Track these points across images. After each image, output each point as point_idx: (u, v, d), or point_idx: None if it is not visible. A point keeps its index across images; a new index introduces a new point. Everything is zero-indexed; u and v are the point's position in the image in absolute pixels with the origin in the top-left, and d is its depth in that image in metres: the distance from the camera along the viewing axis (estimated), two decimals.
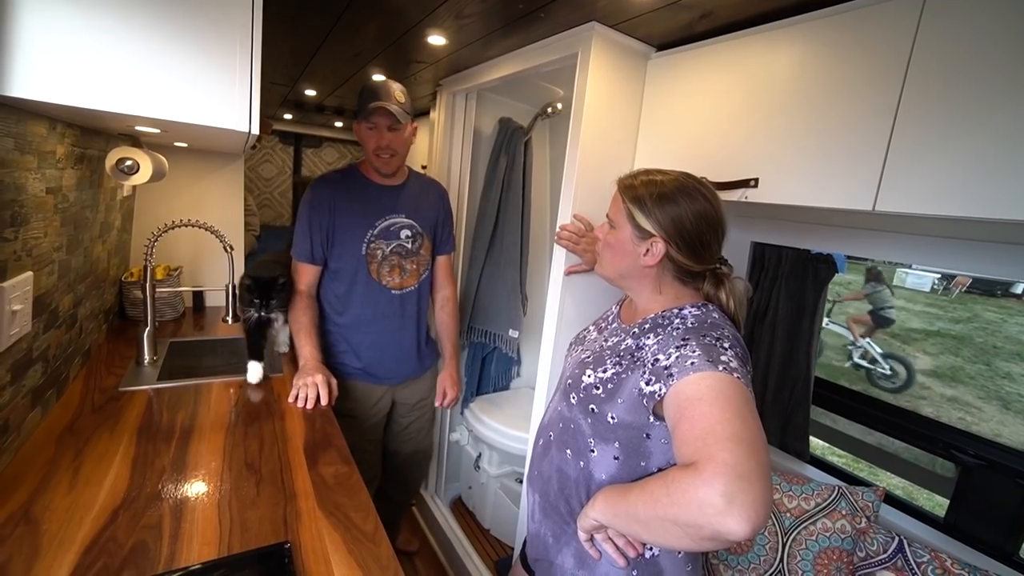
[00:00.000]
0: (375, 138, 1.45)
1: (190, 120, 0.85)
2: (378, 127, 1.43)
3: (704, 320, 0.79)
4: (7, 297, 0.85)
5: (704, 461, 0.60)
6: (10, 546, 0.73)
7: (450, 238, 1.73)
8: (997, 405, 5.99)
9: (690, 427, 0.64)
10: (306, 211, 1.49)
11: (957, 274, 10.55)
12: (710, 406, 0.64)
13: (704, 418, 0.63)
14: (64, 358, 1.21)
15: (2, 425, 0.88)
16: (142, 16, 0.77)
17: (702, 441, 0.62)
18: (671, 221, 0.81)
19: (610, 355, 0.86)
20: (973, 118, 0.77)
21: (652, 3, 1.07)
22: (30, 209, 0.94)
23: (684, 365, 0.70)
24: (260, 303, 1.40)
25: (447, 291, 1.76)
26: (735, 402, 0.64)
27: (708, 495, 0.57)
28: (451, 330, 1.77)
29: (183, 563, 0.75)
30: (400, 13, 1.33)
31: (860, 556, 1.12)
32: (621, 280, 0.91)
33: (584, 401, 0.85)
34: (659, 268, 0.84)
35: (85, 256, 1.34)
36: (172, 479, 0.94)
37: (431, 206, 1.64)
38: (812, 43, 0.98)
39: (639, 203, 0.83)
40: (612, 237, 0.88)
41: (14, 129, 0.84)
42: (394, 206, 1.55)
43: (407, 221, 1.57)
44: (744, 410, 0.64)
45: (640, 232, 0.83)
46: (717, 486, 0.57)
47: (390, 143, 1.45)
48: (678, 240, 0.81)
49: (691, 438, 0.63)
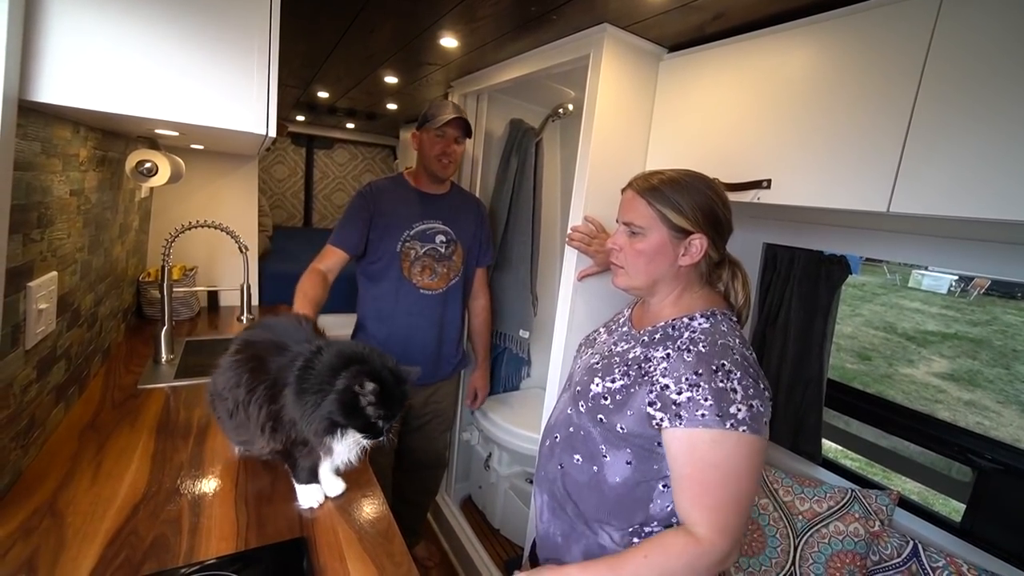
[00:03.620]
0: (441, 144, 1.59)
1: (209, 123, 0.86)
2: (447, 136, 1.59)
3: (714, 337, 0.78)
4: (34, 296, 0.88)
5: (711, 534, 0.72)
6: (37, 538, 0.75)
7: (488, 250, 1.83)
8: (1016, 410, 5.88)
9: (699, 486, 0.74)
10: (352, 205, 1.61)
11: (975, 276, 10.37)
12: (717, 471, 0.72)
13: (711, 485, 0.73)
14: (86, 356, 1.24)
15: (29, 420, 0.91)
16: (163, 22, 0.79)
17: (714, 510, 0.73)
18: (703, 213, 0.82)
19: (619, 364, 0.86)
20: (989, 119, 0.76)
21: (664, 5, 1.08)
22: (55, 211, 0.97)
23: (694, 414, 0.73)
24: (385, 415, 0.82)
25: (483, 300, 1.89)
26: (739, 467, 0.72)
27: (711, 562, 0.72)
28: (484, 336, 1.93)
29: (201, 556, 0.76)
30: (413, 16, 1.34)
31: (874, 560, 1.11)
32: (653, 287, 0.88)
33: (592, 411, 0.85)
34: (692, 266, 0.85)
35: (105, 256, 1.37)
36: (190, 475, 0.96)
37: (469, 219, 1.74)
38: (826, 44, 0.97)
39: (672, 204, 0.82)
40: (643, 244, 0.85)
41: (41, 133, 0.87)
42: (434, 212, 1.66)
43: (443, 228, 1.67)
44: (743, 470, 0.72)
45: (678, 232, 0.83)
46: (719, 556, 0.71)
47: (454, 151, 1.62)
48: (713, 232, 0.84)
49: (701, 497, 0.74)
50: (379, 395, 0.80)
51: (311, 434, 0.82)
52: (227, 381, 0.91)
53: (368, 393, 0.80)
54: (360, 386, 0.79)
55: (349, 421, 0.81)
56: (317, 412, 0.80)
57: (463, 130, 1.61)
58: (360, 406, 0.80)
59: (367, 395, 0.80)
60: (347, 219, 1.59)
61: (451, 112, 1.57)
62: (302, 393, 0.81)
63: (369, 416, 0.81)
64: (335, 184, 4.28)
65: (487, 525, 2.18)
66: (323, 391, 0.80)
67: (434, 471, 1.95)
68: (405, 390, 0.86)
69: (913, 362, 7.33)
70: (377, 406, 0.81)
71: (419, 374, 0.88)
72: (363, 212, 1.58)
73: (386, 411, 0.82)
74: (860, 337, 8.30)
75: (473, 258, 1.77)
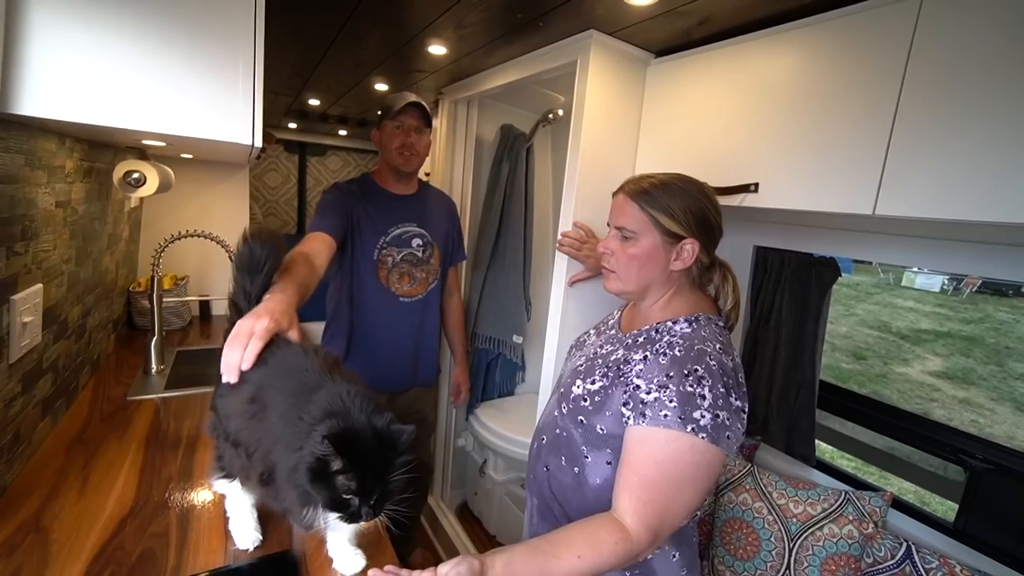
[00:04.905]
0: (400, 136, 1.51)
1: (194, 134, 0.86)
2: (405, 126, 1.51)
3: (692, 342, 0.77)
4: (18, 309, 0.87)
5: (639, 529, 0.72)
6: (21, 555, 0.74)
7: (460, 247, 1.82)
8: (1011, 407, 5.91)
9: (640, 478, 0.74)
10: (328, 199, 1.47)
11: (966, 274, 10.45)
12: (661, 470, 0.72)
13: (653, 480, 0.72)
14: (73, 368, 1.23)
15: (13, 435, 0.90)
16: (146, 33, 0.79)
17: (648, 504, 0.72)
18: (695, 218, 0.82)
19: (600, 365, 0.86)
20: (971, 121, 0.76)
21: (649, 11, 1.08)
22: (40, 223, 0.96)
23: (658, 413, 0.73)
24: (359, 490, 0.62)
25: (456, 297, 1.89)
26: (686, 471, 0.72)
27: (631, 556, 0.72)
28: (460, 332, 1.93)
29: (189, 571, 0.75)
30: (401, 23, 1.34)
31: (868, 562, 1.11)
32: (644, 291, 0.88)
33: (574, 412, 0.85)
34: (683, 270, 0.85)
35: (94, 267, 1.36)
36: (179, 488, 0.95)
37: (442, 217, 1.70)
38: (810, 48, 0.98)
39: (663, 208, 0.82)
40: (636, 249, 0.85)
41: (24, 146, 0.86)
42: (407, 215, 1.60)
43: (419, 230, 1.61)
44: (688, 475, 0.72)
45: (670, 237, 0.83)
46: (638, 550, 0.72)
47: (415, 143, 1.53)
48: (703, 236, 0.83)
49: (639, 489, 0.73)
50: (349, 463, 0.59)
51: (288, 503, 0.65)
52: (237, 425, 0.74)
53: (331, 457, 0.59)
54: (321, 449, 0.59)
55: (317, 493, 0.61)
56: (292, 477, 0.62)
57: (423, 119, 1.52)
58: (329, 474, 0.60)
59: (333, 460, 0.59)
60: (326, 209, 1.43)
61: (408, 99, 1.50)
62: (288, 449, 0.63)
63: (338, 489, 0.61)
64: None
65: (483, 531, 2.17)
66: (301, 450, 0.61)
67: (420, 478, 1.94)
68: (393, 459, 0.63)
69: (908, 361, 7.37)
70: (348, 477, 0.60)
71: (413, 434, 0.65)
72: (343, 202, 1.46)
73: (360, 485, 0.60)
74: (855, 337, 8.34)
75: (448, 258, 1.74)
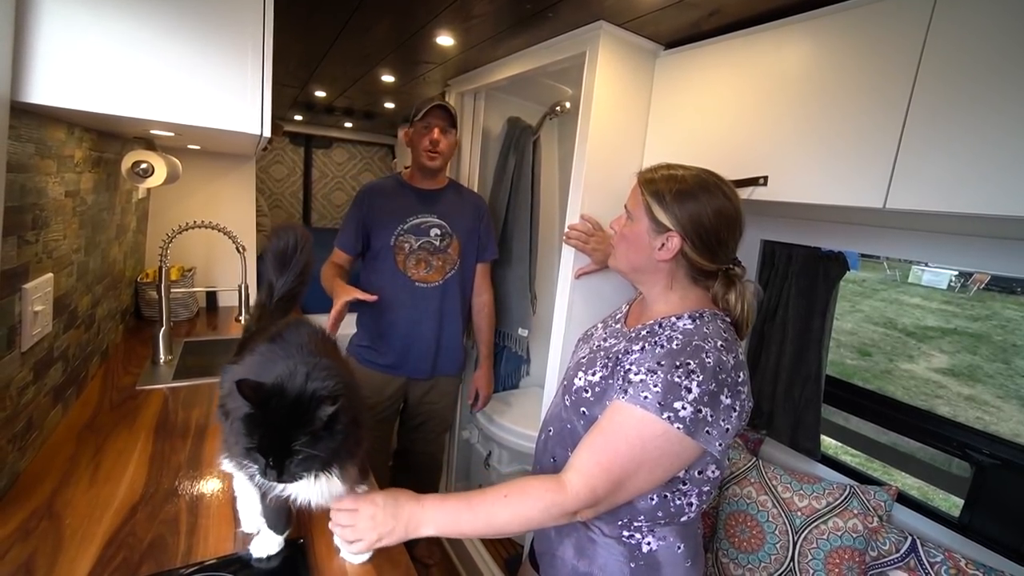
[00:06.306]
0: (427, 136, 1.62)
1: (203, 123, 0.86)
2: (431, 127, 1.61)
3: (691, 338, 0.76)
4: (29, 298, 0.88)
5: (579, 486, 0.72)
6: (35, 540, 0.75)
7: (490, 245, 1.82)
8: (1016, 404, 5.88)
9: (603, 444, 0.74)
10: (348, 210, 1.71)
11: (974, 271, 10.38)
12: (627, 445, 0.72)
13: (614, 451, 0.73)
14: (83, 357, 1.24)
15: (26, 422, 0.91)
16: (156, 23, 0.79)
17: (604, 471, 0.72)
18: (689, 217, 0.80)
19: (602, 357, 0.86)
20: (986, 114, 0.76)
21: (659, 2, 1.07)
22: (50, 212, 0.96)
23: (639, 394, 0.73)
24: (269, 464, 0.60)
25: (485, 296, 1.86)
26: (650, 455, 0.72)
27: (565, 512, 0.73)
28: (487, 333, 1.89)
29: (199, 557, 0.76)
30: (408, 14, 1.34)
31: (872, 556, 1.11)
32: (634, 274, 0.89)
33: (576, 404, 0.85)
34: (673, 264, 0.83)
35: (102, 257, 1.37)
36: (188, 476, 0.96)
37: (466, 213, 1.74)
38: (822, 40, 0.97)
39: (658, 197, 0.82)
40: (628, 229, 0.87)
41: (35, 135, 0.86)
42: (427, 207, 1.68)
43: (438, 221, 1.68)
44: (651, 459, 0.72)
45: (657, 226, 0.82)
46: (573, 508, 0.73)
47: (440, 141, 1.62)
48: (694, 237, 0.80)
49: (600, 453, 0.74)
50: (262, 415, 0.58)
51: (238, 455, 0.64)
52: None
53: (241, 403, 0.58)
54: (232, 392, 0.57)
55: (237, 439, 0.61)
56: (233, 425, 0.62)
57: (447, 120, 1.63)
58: (243, 420, 0.60)
59: (243, 405, 0.58)
60: (344, 223, 1.70)
61: (435, 101, 1.62)
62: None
63: (246, 436, 0.59)
64: (334, 183, 4.27)
65: None
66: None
67: (429, 474, 1.96)
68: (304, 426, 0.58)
69: (913, 358, 7.33)
70: (252, 424, 0.58)
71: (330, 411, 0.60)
72: (356, 214, 1.67)
73: (262, 440, 0.58)
74: (860, 333, 8.30)
75: (472, 252, 1.75)
